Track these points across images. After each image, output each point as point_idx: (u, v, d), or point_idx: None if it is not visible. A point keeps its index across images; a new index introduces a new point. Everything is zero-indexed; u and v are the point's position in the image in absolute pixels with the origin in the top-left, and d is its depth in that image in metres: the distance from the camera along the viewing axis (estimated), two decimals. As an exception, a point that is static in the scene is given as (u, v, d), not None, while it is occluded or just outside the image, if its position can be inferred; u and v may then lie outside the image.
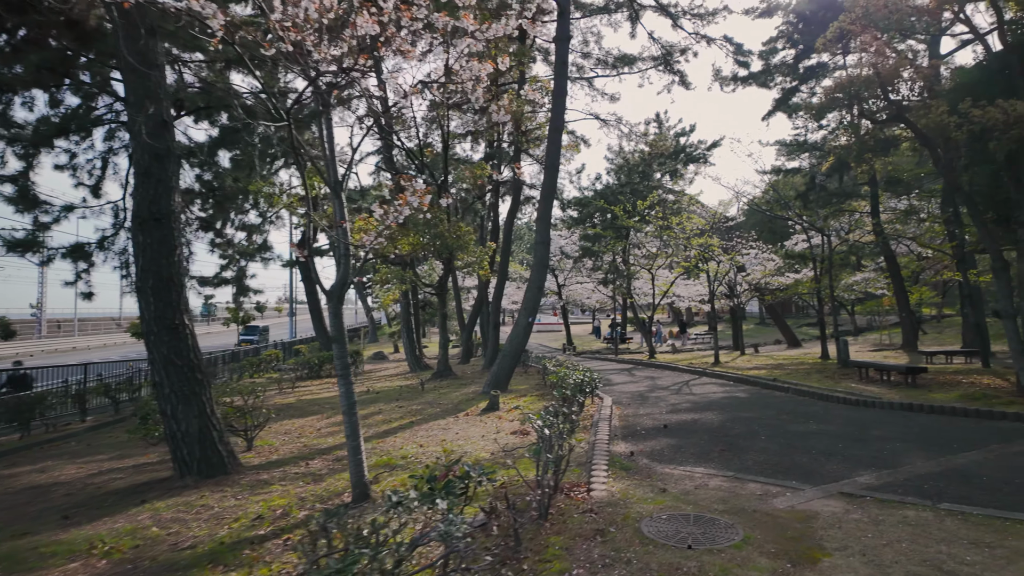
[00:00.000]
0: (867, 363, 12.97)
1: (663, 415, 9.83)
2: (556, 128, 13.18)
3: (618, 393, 13.03)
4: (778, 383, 13.00)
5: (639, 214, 20.39)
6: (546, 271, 13.31)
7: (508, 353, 13.12)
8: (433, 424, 9.56)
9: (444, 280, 16.54)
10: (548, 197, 13.36)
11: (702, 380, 15.17)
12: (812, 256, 18.61)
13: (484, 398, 12.42)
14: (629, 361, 21.69)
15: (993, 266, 9.83)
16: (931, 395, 10.36)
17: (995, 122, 9.01)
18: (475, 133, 20.60)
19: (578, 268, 30.48)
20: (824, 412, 9.70)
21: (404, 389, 14.70)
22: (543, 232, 13.32)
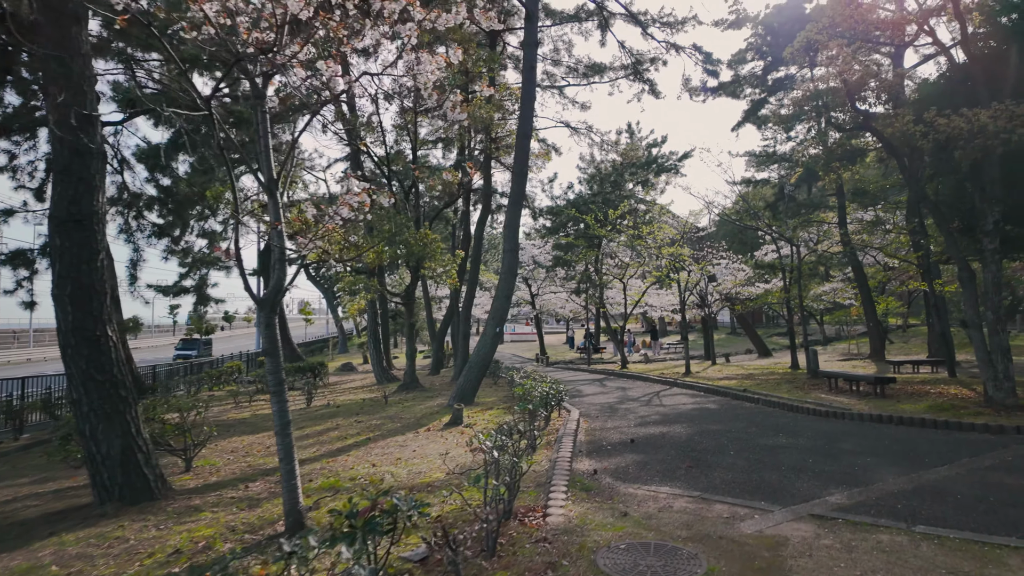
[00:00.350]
0: (836, 373, 12.86)
1: (631, 428, 9.48)
2: (524, 134, 12.87)
3: (587, 405, 12.66)
4: (748, 394, 12.79)
5: (610, 223, 20.19)
6: (514, 279, 12.92)
7: (475, 364, 12.66)
8: (391, 441, 9.03)
9: (411, 289, 16.03)
10: (516, 204, 13.01)
11: (673, 391, 14.91)
12: (781, 266, 18.62)
13: (448, 412, 11.92)
14: (601, 371, 21.40)
15: (960, 276, 9.76)
16: (900, 406, 10.22)
17: (959, 131, 8.96)
18: (445, 140, 20.20)
19: (552, 278, 30.21)
20: (793, 424, 9.46)
21: (367, 402, 14.10)
22: (512, 240, 12.94)
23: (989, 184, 9.46)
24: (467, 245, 19.20)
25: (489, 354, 12.75)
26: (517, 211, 13.08)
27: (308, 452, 8.51)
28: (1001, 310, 9.37)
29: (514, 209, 13.00)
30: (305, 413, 12.78)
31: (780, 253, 18.75)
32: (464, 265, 19.70)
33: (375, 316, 19.00)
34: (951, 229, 9.89)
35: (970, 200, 10.25)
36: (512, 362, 28.33)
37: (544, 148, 19.57)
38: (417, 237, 14.48)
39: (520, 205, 13.14)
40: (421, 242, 14.54)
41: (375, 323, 19.01)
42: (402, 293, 16.36)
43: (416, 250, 14.52)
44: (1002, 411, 9.13)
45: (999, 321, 9.35)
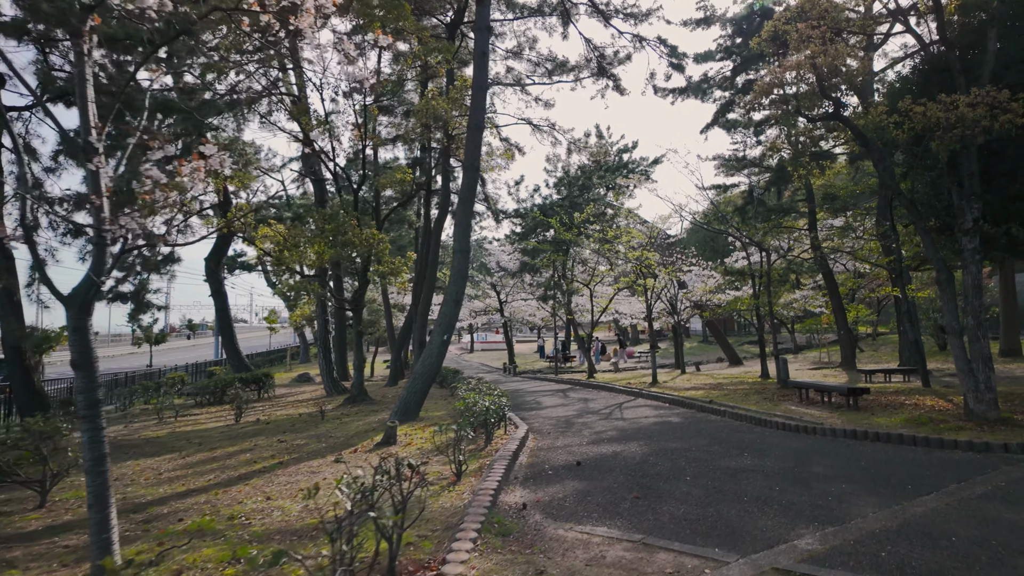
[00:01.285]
0: (807, 384, 11.98)
1: (582, 447, 8.38)
2: (476, 126, 11.80)
3: (542, 419, 11.55)
4: (714, 405, 11.82)
5: (576, 227, 19.23)
6: (465, 283, 11.81)
7: (419, 376, 11.47)
8: (304, 466, 7.79)
9: (360, 293, 14.78)
10: (467, 201, 11.92)
11: (637, 402, 13.90)
12: (751, 272, 17.84)
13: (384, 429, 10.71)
14: (568, 381, 20.35)
15: (938, 279, 8.94)
16: (875, 419, 9.32)
17: (937, 120, 8.14)
18: (404, 137, 19.07)
19: (521, 285, 29.16)
20: (761, 441, 8.47)
21: (302, 418, 12.79)
22: (462, 240, 11.83)
23: (968, 179, 8.67)
24: (426, 248, 18.03)
25: (436, 364, 11.58)
26: (469, 209, 11.99)
27: (202, 480, 7.23)
28: (983, 315, 8.55)
29: (465, 207, 11.91)
30: (228, 432, 11.43)
31: (750, 259, 17.97)
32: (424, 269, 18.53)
33: (325, 324, 17.68)
34: (928, 228, 9.07)
35: (947, 197, 9.47)
36: (478, 372, 27.13)
37: (506, 147, 18.57)
38: (363, 237, 13.28)
39: (472, 202, 12.06)
40: (367, 242, 13.35)
41: (325, 331, 17.67)
42: (349, 298, 15.09)
43: (361, 251, 13.32)
44: (984, 425, 8.27)
45: (980, 327, 8.52)
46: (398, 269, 13.85)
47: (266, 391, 18.38)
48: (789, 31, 10.31)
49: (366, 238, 13.24)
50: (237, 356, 21.26)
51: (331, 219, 13.19)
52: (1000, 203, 9.13)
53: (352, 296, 14.91)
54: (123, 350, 53.22)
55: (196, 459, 8.69)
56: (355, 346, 14.89)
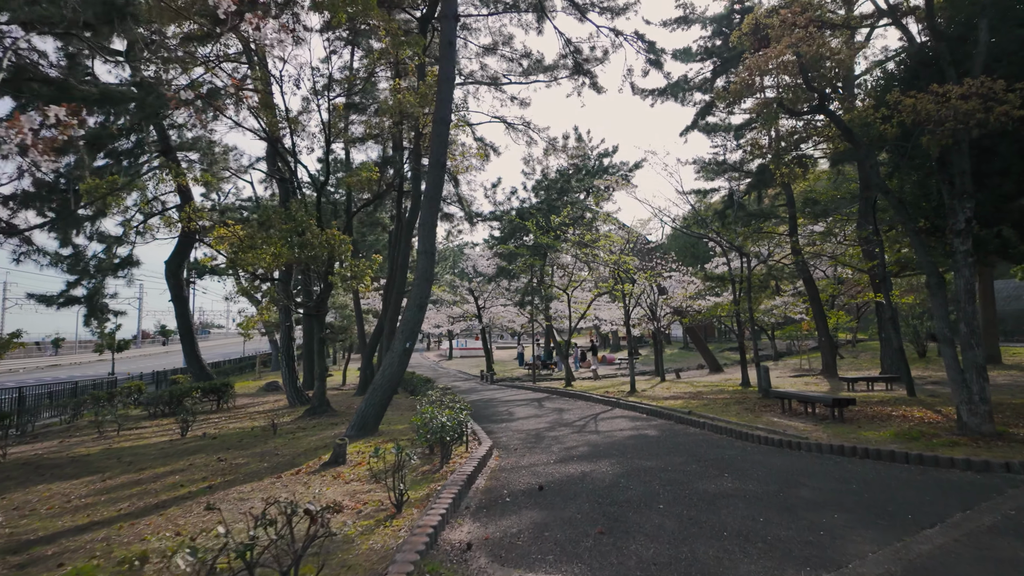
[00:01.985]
0: (790, 394, 11.33)
1: (548, 467, 7.58)
2: (442, 120, 11.03)
3: (511, 433, 10.74)
4: (693, 417, 11.12)
5: (554, 230, 18.51)
6: (430, 286, 10.98)
7: (379, 386, 10.59)
8: (235, 491, 6.88)
9: (322, 298, 13.86)
10: (433, 199, 11.11)
11: (613, 413, 13.16)
12: (731, 278, 17.27)
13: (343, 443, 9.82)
14: (545, 390, 19.56)
15: (928, 283, 8.33)
16: (862, 433, 8.67)
17: (928, 114, 7.56)
18: (374, 136, 18.22)
19: (500, 290, 28.36)
20: (742, 458, 7.75)
21: (254, 432, 11.81)
22: (427, 241, 11.02)
23: (959, 177, 8.09)
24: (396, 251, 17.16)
25: (397, 374, 10.71)
26: (434, 208, 11.18)
27: (112, 510, 6.29)
28: (976, 322, 7.96)
29: (431, 206, 11.10)
30: (168, 448, 10.42)
31: (730, 265, 17.41)
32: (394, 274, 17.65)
33: (288, 330, 16.69)
34: (917, 229, 8.48)
35: (936, 197, 8.91)
36: (454, 380, 26.23)
37: (480, 147, 17.82)
38: (323, 238, 12.40)
39: (438, 201, 11.25)
40: (328, 244, 12.47)
41: (288, 338, 16.68)
42: (310, 303, 14.16)
43: (319, 252, 12.43)
44: (980, 440, 7.65)
45: (974, 335, 7.93)
46: (362, 272, 12.96)
47: (225, 401, 17.32)
48: (771, 23, 9.72)
49: (327, 239, 12.35)
50: (198, 364, 20.12)
51: (288, 218, 12.28)
52: (992, 203, 8.58)
53: (315, 300, 13.98)
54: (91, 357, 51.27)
55: (118, 482, 7.72)
56: (316, 354, 13.95)
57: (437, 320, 33.00)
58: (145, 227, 20.11)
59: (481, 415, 13.46)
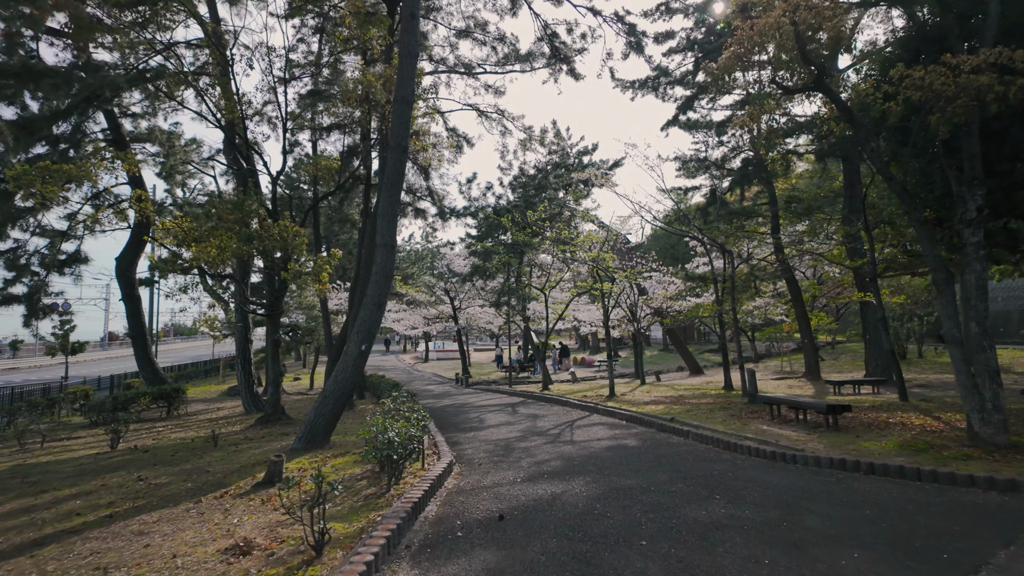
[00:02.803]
0: (778, 399, 10.44)
1: (514, 487, 6.52)
2: (403, 99, 9.94)
3: (478, 443, 9.66)
4: (676, 425, 10.17)
5: (530, 226, 17.50)
6: (390, 283, 9.86)
7: (331, 394, 9.43)
8: (139, 520, 5.70)
9: (277, 296, 12.62)
10: (393, 187, 10.00)
11: (591, 419, 12.16)
12: (714, 277, 16.44)
13: (289, 456, 8.66)
14: (521, 394, 18.51)
15: (934, 279, 7.48)
16: (862, 444, 7.78)
17: (939, 88, 6.70)
18: (342, 126, 17.02)
19: (476, 291, 27.25)
20: (733, 474, 6.79)
21: (194, 443, 10.55)
22: (387, 232, 9.89)
23: (969, 162, 7.26)
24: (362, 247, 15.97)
25: (351, 379, 9.55)
26: (395, 197, 10.07)
27: (-29, 550, 5.06)
28: (987, 320, 7.12)
29: (390, 194, 9.98)
30: (88, 464, 9.13)
31: (712, 264, 16.57)
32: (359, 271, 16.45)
33: (244, 332, 15.38)
34: (923, 219, 7.63)
35: (940, 186, 8.07)
36: (428, 383, 25.04)
37: (453, 138, 16.75)
38: (273, 231, 11.19)
39: (399, 189, 10.13)
40: (280, 237, 11.26)
41: (244, 340, 15.37)
42: (264, 302, 12.91)
43: (270, 245, 11.22)
44: (995, 453, 6.80)
45: (986, 335, 7.08)
46: (318, 269, 11.78)
47: (176, 408, 15.93)
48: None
49: (279, 231, 11.15)
50: (151, 368, 18.66)
51: (236, 208, 11.06)
52: (1001, 192, 7.77)
53: (269, 299, 12.74)
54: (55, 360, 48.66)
55: (3, 510, 6.45)
56: (270, 357, 12.71)
57: (412, 321, 31.74)
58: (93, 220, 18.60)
59: (448, 423, 12.36)
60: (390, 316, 33.19)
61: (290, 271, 11.57)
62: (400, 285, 26.24)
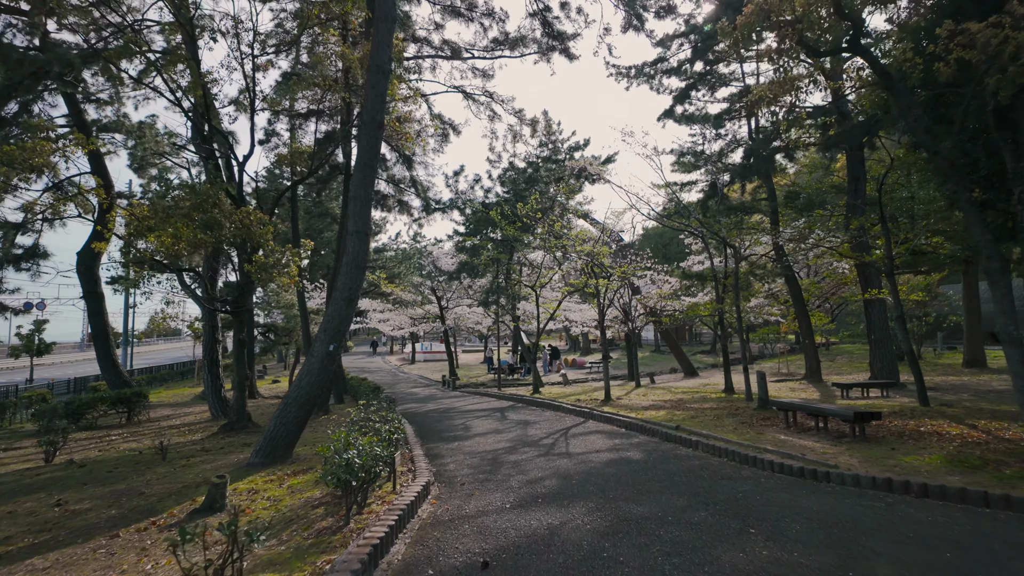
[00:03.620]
0: (795, 405, 9.35)
1: (502, 518, 5.34)
2: (379, 68, 8.74)
3: (462, 456, 8.46)
4: (682, 434, 9.05)
5: (520, 219, 16.34)
6: (362, 275, 8.64)
7: (294, 401, 8.18)
8: (24, 566, 4.44)
9: (244, 291, 11.33)
10: (367, 167, 8.79)
11: (587, 426, 11.01)
12: (714, 275, 15.39)
13: (243, 473, 7.43)
14: (511, 397, 17.31)
15: (987, 268, 6.44)
16: (902, 458, 6.71)
17: (1001, 43, 5.64)
18: (320, 113, 15.74)
19: (464, 290, 26.03)
20: (762, 497, 5.66)
21: (142, 456, 9.24)
22: (361, 218, 8.68)
23: (1027, 133, 6.22)
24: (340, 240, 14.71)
25: (317, 384, 8.31)
26: (369, 178, 8.85)
27: None
28: (1052, 317, 6.07)
29: (364, 174, 8.77)
30: (12, 482, 7.80)
31: (712, 260, 15.52)
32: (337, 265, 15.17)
33: (212, 331, 14.04)
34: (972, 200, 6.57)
35: (987, 164, 7.02)
36: (413, 386, 23.77)
37: (438, 125, 15.55)
38: (235, 217, 9.93)
39: (374, 169, 8.93)
40: (242, 224, 9.99)
41: (212, 340, 14.03)
42: (230, 298, 11.62)
43: (231, 234, 9.95)
44: (1065, 471, 5.74)
45: (1050, 333, 6.03)
46: (287, 262, 10.52)
47: (137, 414, 14.54)
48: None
49: (239, 218, 9.87)
50: (114, 371, 17.21)
51: (191, 192, 9.78)
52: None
53: (235, 295, 11.45)
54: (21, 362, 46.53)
55: None
56: (235, 360, 11.41)
57: (398, 322, 30.42)
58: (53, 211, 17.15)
59: (430, 431, 11.15)
60: (375, 317, 31.82)
61: (255, 263, 10.29)
62: (385, 284, 24.95)
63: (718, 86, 19.71)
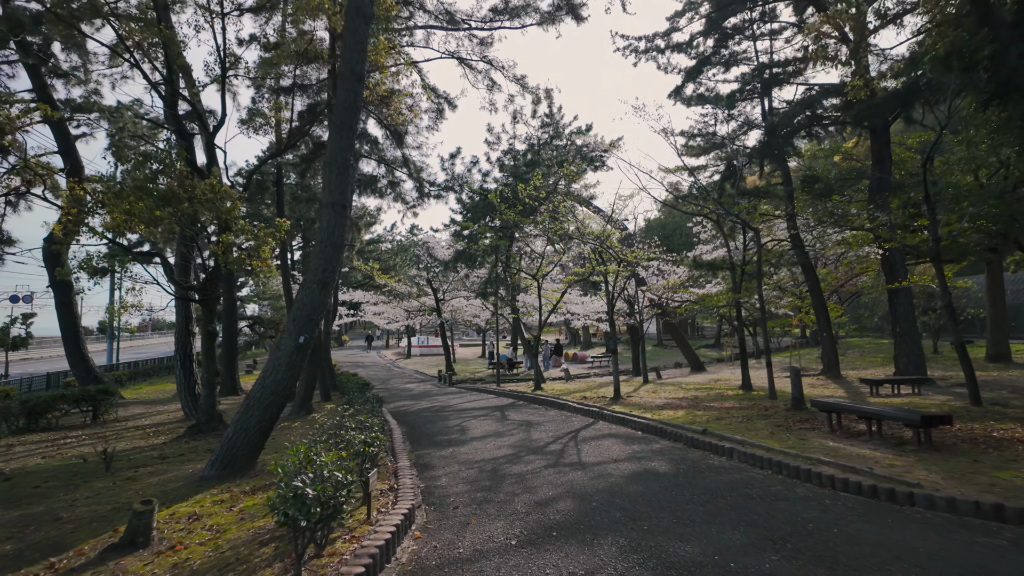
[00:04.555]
0: (844, 406, 8.00)
1: (507, 562, 4.00)
2: (359, 11, 7.35)
3: (457, 467, 7.13)
4: (710, 439, 7.73)
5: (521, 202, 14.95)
6: (339, 255, 7.27)
7: (256, 403, 6.81)
8: None
9: (212, 276, 9.94)
10: (345, 127, 7.41)
11: (598, 428, 9.69)
12: (730, 262, 14.06)
13: (191, 490, 6.09)
14: (511, 394, 15.98)
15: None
16: (994, 473, 5.40)
17: None
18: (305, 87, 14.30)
19: (462, 281, 24.65)
20: (842, 531, 4.34)
21: (83, 466, 7.87)
22: (337, 187, 7.31)
23: None
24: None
25: (283, 383, 6.93)
26: (347, 140, 7.47)
27: None
28: None
29: (341, 135, 7.39)
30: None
31: (728, 245, 14.19)
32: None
33: (184, 323, 12.65)
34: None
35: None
36: (408, 382, 22.42)
37: (433, 99, 14.09)
38: (195, 189, 8.54)
39: (353, 129, 7.53)
40: (204, 198, 8.60)
41: (185, 332, 12.65)
42: (197, 285, 10.23)
43: (191, 210, 8.57)
44: None
45: None
46: (259, 243, 9.12)
47: (104, 413, 13.17)
48: None
49: (201, 191, 8.48)
50: (84, 366, 15.81)
51: (144, 160, 8.39)
52: None
53: (202, 281, 10.05)
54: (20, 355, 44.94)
55: None
56: (203, 354, 10.05)
57: (393, 315, 29.04)
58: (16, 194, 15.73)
59: (422, 434, 9.82)
60: (369, 310, 30.42)
61: (222, 244, 8.90)
62: (379, 275, 23.54)
63: (730, 64, 18.37)
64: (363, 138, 15.02)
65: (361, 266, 22.57)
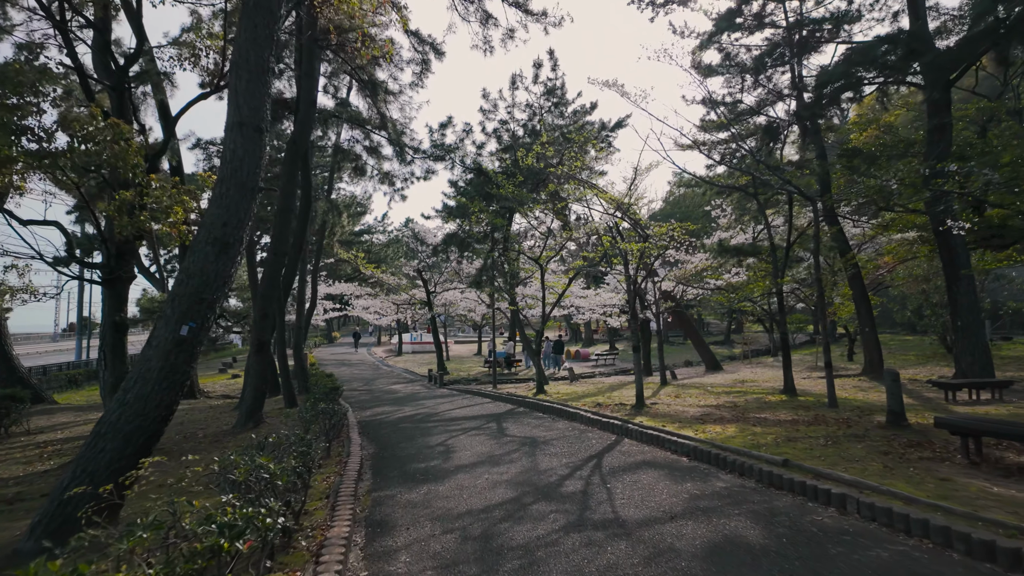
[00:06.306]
0: (997, 430, 5.44)
1: None
2: None
3: (430, 526, 4.56)
4: (797, 473, 5.20)
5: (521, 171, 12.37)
6: (250, 201, 4.71)
7: (111, 427, 4.24)
8: None
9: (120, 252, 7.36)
10: (260, 7, 4.82)
11: (625, 450, 7.15)
12: (772, 243, 11.53)
13: None
14: (509, 399, 13.41)
15: None
16: None
17: None
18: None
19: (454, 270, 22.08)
20: None
21: None
22: (247, 100, 4.74)
23: None
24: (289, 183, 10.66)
25: (155, 396, 4.36)
26: (263, 29, 4.88)
27: None
28: None
29: (255, 20, 4.81)
30: None
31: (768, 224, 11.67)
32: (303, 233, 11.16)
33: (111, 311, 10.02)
34: None
35: None
36: (395, 382, 19.82)
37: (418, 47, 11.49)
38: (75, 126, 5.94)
39: (272, 13, 4.94)
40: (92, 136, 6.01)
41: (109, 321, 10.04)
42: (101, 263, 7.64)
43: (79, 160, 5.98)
44: None
45: None
46: (169, 202, 6.55)
47: (13, 423, 10.53)
48: None
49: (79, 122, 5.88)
50: (7, 365, 13.15)
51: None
52: None
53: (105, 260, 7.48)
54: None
55: None
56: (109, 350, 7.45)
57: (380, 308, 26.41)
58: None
59: (394, 458, 7.26)
60: (357, 304, 27.72)
61: (115, 203, 6.30)
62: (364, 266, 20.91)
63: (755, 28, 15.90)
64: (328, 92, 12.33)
65: (343, 253, 19.96)
